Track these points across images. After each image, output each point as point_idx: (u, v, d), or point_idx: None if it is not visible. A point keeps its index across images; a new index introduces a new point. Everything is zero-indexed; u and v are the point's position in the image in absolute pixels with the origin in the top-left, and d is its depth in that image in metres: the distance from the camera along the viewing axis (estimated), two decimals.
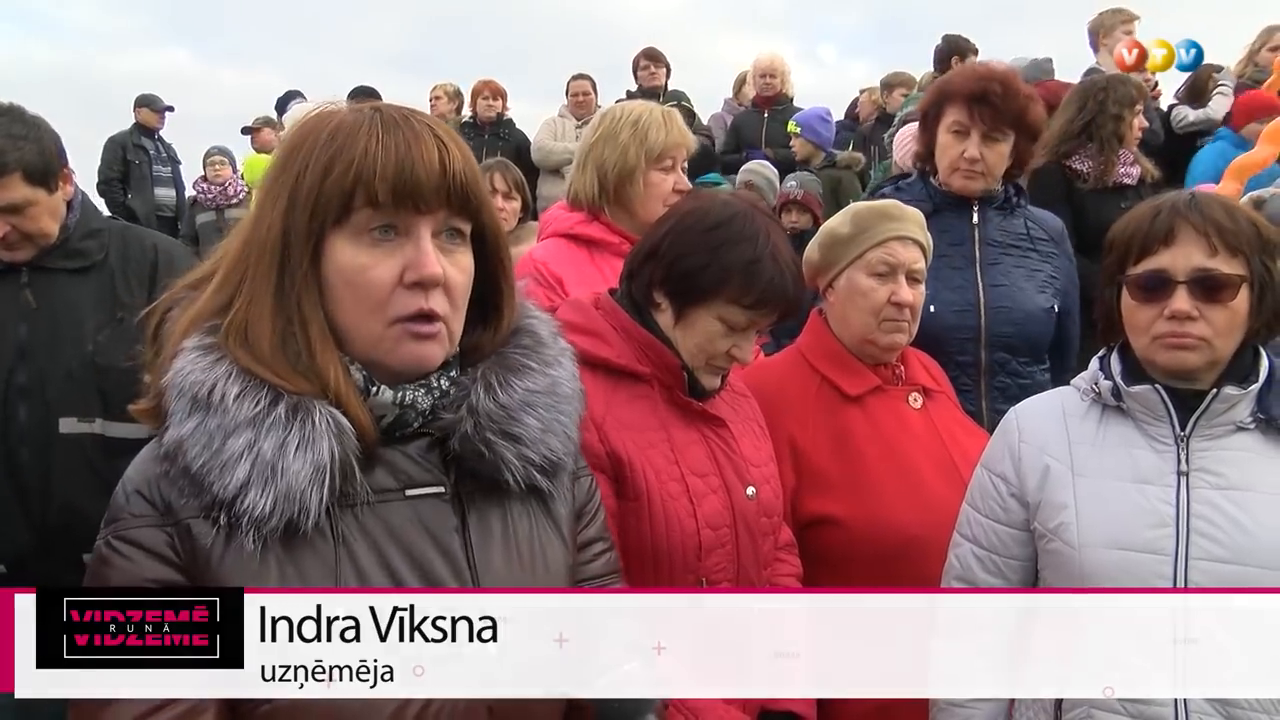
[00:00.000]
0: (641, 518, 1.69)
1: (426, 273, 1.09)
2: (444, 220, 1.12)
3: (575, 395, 1.26)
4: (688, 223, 1.77)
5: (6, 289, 2.33)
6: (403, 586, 1.09)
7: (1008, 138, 2.58)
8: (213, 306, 1.12)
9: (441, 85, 7.79)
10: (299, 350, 1.09)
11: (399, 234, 1.10)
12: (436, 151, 1.09)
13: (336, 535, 1.07)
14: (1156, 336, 1.57)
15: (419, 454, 1.16)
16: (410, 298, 1.09)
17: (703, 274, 1.72)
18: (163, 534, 1.05)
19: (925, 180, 2.72)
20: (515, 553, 1.18)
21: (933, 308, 2.49)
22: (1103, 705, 1.55)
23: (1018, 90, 2.58)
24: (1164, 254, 1.57)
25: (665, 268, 1.75)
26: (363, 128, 1.09)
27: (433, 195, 1.09)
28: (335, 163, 1.07)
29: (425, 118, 1.14)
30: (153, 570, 1.05)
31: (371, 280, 1.09)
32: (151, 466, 1.09)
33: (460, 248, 1.15)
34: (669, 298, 1.77)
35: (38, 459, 2.23)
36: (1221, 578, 1.49)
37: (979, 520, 1.77)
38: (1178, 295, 1.55)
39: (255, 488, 1.03)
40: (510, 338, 1.25)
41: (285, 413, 1.05)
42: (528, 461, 1.18)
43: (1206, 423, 1.57)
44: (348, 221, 1.08)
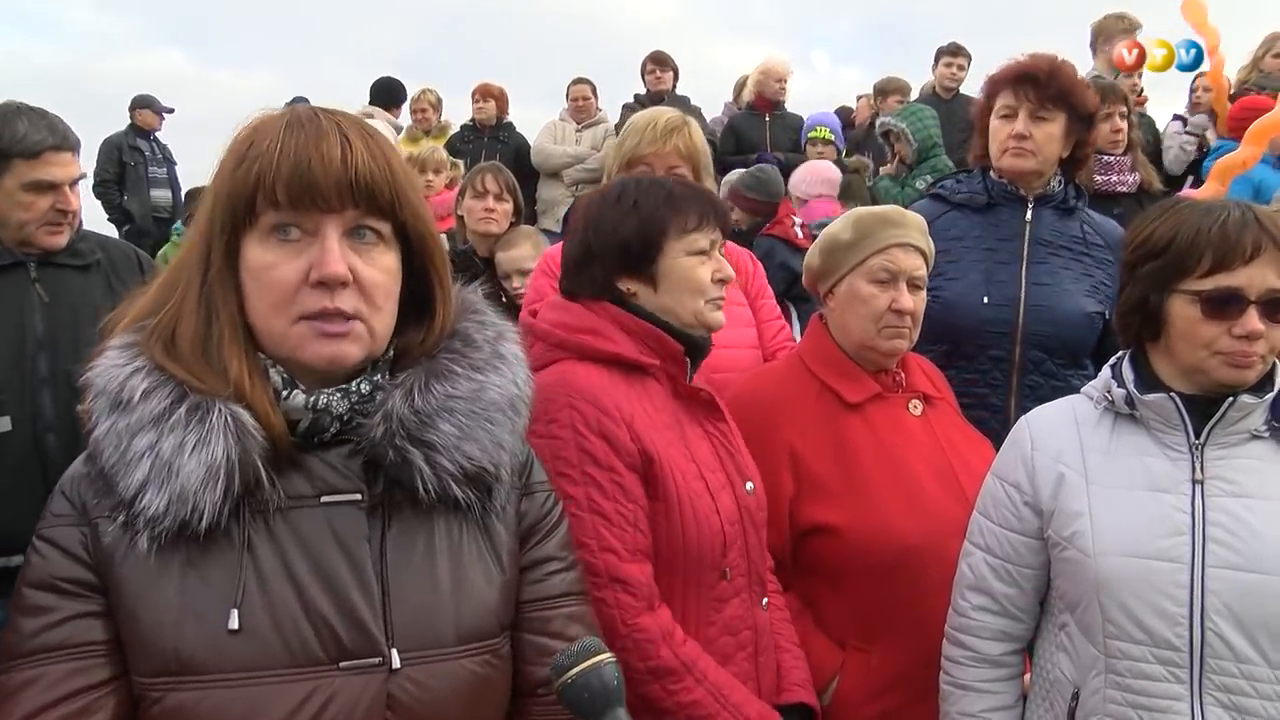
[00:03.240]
0: (672, 518, 1.69)
1: (328, 271, 1.08)
2: (354, 219, 1.11)
3: (508, 403, 1.22)
4: (597, 209, 1.82)
5: (16, 284, 2.42)
6: (304, 595, 1.07)
7: (1055, 117, 2.58)
8: (149, 307, 1.14)
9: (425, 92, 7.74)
10: (215, 348, 1.10)
11: (305, 233, 1.10)
12: (339, 148, 1.08)
13: (242, 539, 1.07)
14: (1220, 352, 1.55)
15: (339, 460, 1.14)
16: (315, 296, 1.09)
17: (643, 230, 1.77)
18: (78, 532, 1.08)
19: (985, 174, 2.73)
20: (436, 569, 1.15)
21: (986, 299, 2.55)
22: (1117, 714, 1.56)
23: (1063, 70, 2.60)
24: (1241, 271, 1.54)
25: (611, 252, 1.78)
26: (271, 128, 1.10)
27: (333, 193, 1.08)
28: (240, 164, 1.09)
29: (340, 116, 1.13)
30: (65, 568, 1.07)
31: (275, 279, 1.09)
32: (80, 466, 1.12)
33: (377, 246, 1.14)
34: (632, 273, 1.79)
35: (64, 448, 2.26)
36: (1239, 585, 1.49)
37: (992, 529, 1.77)
38: (1249, 315, 1.53)
39: (152, 487, 1.04)
40: (443, 340, 1.23)
41: (186, 412, 1.06)
42: (442, 470, 1.15)
43: (1221, 431, 1.58)
44: (256, 222, 1.10)
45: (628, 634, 1.58)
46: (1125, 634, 1.55)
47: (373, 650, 1.08)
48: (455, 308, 1.26)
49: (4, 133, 2.35)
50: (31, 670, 1.04)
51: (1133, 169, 4.05)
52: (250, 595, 1.06)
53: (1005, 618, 1.76)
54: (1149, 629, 1.52)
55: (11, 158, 2.35)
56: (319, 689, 1.05)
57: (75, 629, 1.06)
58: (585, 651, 1.08)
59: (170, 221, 7.94)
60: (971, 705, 1.77)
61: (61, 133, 2.43)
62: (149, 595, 1.05)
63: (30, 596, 1.07)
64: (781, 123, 6.99)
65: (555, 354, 1.74)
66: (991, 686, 1.77)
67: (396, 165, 1.15)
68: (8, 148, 2.35)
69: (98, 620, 1.06)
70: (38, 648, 1.05)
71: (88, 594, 1.07)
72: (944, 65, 7.03)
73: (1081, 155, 2.68)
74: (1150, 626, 1.52)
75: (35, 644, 1.05)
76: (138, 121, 8.18)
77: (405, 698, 1.09)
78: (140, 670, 1.05)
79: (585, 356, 1.74)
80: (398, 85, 7.76)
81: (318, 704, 1.05)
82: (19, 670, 1.04)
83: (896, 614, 1.95)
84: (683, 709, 1.59)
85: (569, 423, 1.65)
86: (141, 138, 8.17)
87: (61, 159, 2.42)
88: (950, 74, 7.01)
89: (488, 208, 3.87)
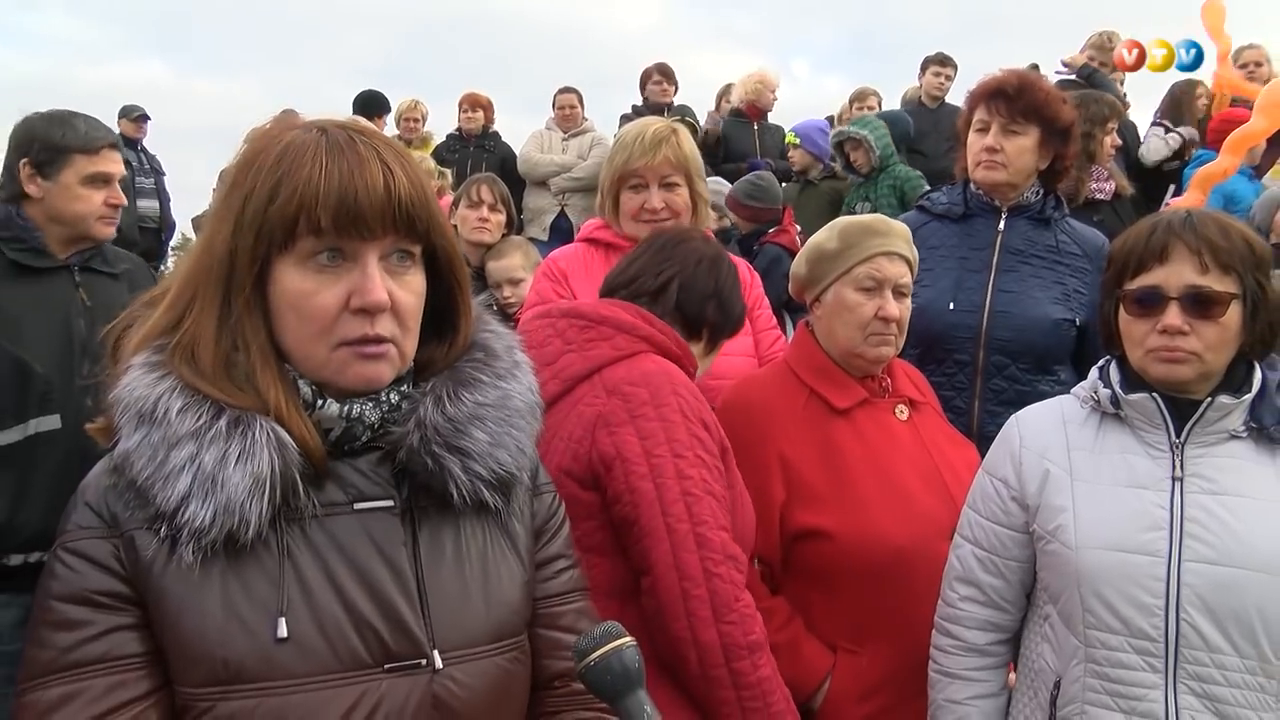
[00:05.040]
0: (736, 507, 1.78)
1: (371, 299, 1.08)
2: (391, 244, 1.11)
3: (529, 409, 1.25)
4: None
5: (62, 287, 2.55)
6: (348, 600, 1.08)
7: (1028, 131, 2.65)
8: (163, 325, 1.12)
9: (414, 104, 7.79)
10: (243, 371, 1.09)
11: (345, 259, 1.09)
12: (382, 177, 1.08)
13: (281, 548, 1.07)
14: (1150, 350, 1.63)
15: (369, 468, 1.15)
16: (356, 323, 1.09)
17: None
18: (109, 545, 1.06)
19: (965, 186, 2.81)
20: (466, 570, 1.17)
21: (952, 305, 2.63)
22: (1096, 701, 1.61)
23: (1034, 85, 2.69)
24: (1158, 271, 1.62)
25: (719, 307, 1.97)
26: (309, 151, 1.08)
27: (377, 221, 1.08)
28: (280, 188, 1.07)
29: (374, 139, 1.13)
30: (98, 581, 1.05)
31: (316, 306, 1.09)
32: (102, 479, 1.10)
33: (410, 269, 1.14)
34: (710, 330, 1.98)
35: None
36: (1213, 578, 1.54)
37: (980, 522, 1.82)
38: (1170, 311, 1.60)
39: (196, 499, 1.03)
40: (464, 352, 1.24)
41: (227, 426, 1.05)
42: (475, 476, 1.17)
43: (1201, 430, 1.63)
44: (292, 247, 1.08)
45: (739, 608, 1.64)
46: (1104, 624, 1.60)
47: (417, 652, 1.10)
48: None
49: (67, 131, 2.54)
50: (70, 685, 1.03)
51: (1108, 177, 4.13)
52: (295, 603, 1.06)
53: (991, 608, 1.81)
54: (1126, 620, 1.57)
55: (73, 153, 2.52)
56: (368, 692, 1.06)
57: (114, 642, 1.04)
58: (607, 635, 1.09)
59: (157, 232, 7.92)
60: (957, 693, 1.82)
61: (114, 134, 2.67)
62: (192, 606, 1.04)
63: (61, 610, 1.05)
64: (770, 130, 7.05)
65: (639, 346, 1.81)
66: (977, 675, 1.82)
67: (429, 188, 1.15)
68: (70, 144, 2.52)
69: (135, 633, 1.05)
70: (74, 662, 1.03)
71: (124, 606, 1.05)
72: (931, 74, 7.08)
73: (1060, 167, 2.75)
74: (1127, 617, 1.57)
75: (72, 658, 1.03)
76: (121, 130, 8.16)
77: (448, 697, 1.11)
78: (187, 681, 1.04)
79: (663, 353, 1.82)
80: (382, 97, 7.80)
81: (368, 707, 1.06)
82: (55, 685, 1.03)
83: (886, 616, 1.99)
84: (760, 683, 1.64)
85: (679, 408, 1.72)
86: (129, 148, 8.11)
87: (115, 156, 2.64)
88: (938, 83, 7.07)
89: (482, 218, 3.91)
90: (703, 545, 1.63)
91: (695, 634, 1.62)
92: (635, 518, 1.66)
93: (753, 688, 1.63)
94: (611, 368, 1.76)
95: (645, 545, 1.65)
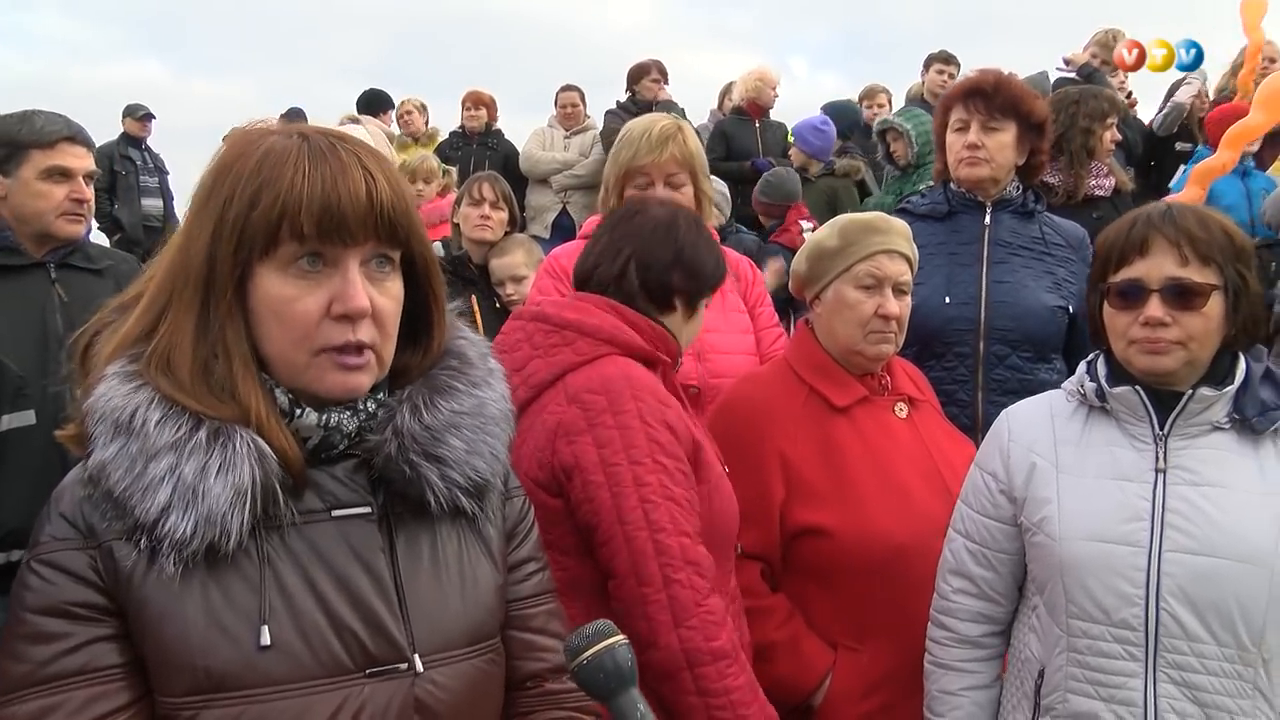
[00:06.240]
0: (713, 499, 1.78)
1: (353, 305, 1.08)
2: (372, 250, 1.11)
3: (503, 416, 1.26)
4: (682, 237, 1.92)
5: (37, 283, 2.52)
6: (329, 606, 1.08)
7: (1006, 127, 2.71)
8: (137, 331, 1.11)
9: (410, 99, 7.81)
10: (221, 379, 1.08)
11: (326, 265, 1.09)
12: (364, 183, 1.08)
13: (262, 556, 1.07)
14: (1133, 341, 1.65)
15: (345, 475, 1.15)
16: (337, 329, 1.09)
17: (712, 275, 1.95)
18: (85, 556, 1.05)
19: (946, 186, 2.84)
20: (443, 574, 1.18)
21: (947, 299, 2.65)
22: (1077, 690, 1.63)
23: (1009, 83, 2.74)
24: (1139, 264, 1.64)
25: (685, 272, 1.89)
26: (290, 157, 1.07)
27: (360, 227, 1.08)
28: (262, 194, 1.06)
29: (354, 145, 1.12)
30: (75, 593, 1.04)
31: (297, 312, 1.08)
32: (77, 489, 1.08)
33: (390, 275, 1.14)
34: (684, 297, 1.90)
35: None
36: (1192, 568, 1.56)
37: (971, 516, 1.84)
38: (1151, 303, 1.62)
39: (177, 511, 1.02)
40: (439, 359, 1.24)
41: (207, 438, 1.05)
42: (452, 483, 1.17)
43: (1184, 422, 1.64)
44: (274, 253, 1.07)
45: (700, 614, 1.63)
46: (1086, 614, 1.62)
47: (398, 656, 1.11)
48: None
49: (24, 127, 2.48)
50: (48, 698, 1.02)
51: (1107, 173, 4.11)
52: (276, 610, 1.06)
53: (983, 600, 1.83)
54: (1108, 609, 1.60)
55: (28, 148, 2.47)
56: (350, 697, 1.07)
57: (92, 654, 1.04)
58: (599, 634, 1.09)
59: (162, 231, 7.94)
60: (951, 683, 1.85)
61: (76, 128, 2.56)
62: (174, 615, 1.03)
63: (37, 623, 1.04)
64: (772, 128, 7.05)
65: (602, 349, 1.78)
66: (971, 666, 1.84)
67: (409, 193, 1.16)
68: (24, 139, 2.47)
69: (114, 644, 1.05)
70: (52, 675, 1.02)
71: (102, 618, 1.05)
72: (935, 72, 7.06)
73: (1036, 162, 2.80)
74: (1109, 607, 1.60)
75: (49, 671, 1.02)
76: (126, 129, 8.15)
77: (430, 700, 1.11)
78: (169, 690, 1.04)
79: (629, 352, 1.80)
80: (385, 95, 7.87)
81: (351, 712, 1.07)
82: (33, 699, 1.02)
83: (886, 613, 2.00)
84: (728, 692, 1.63)
85: (636, 413, 1.71)
86: (133, 146, 8.12)
87: (75, 150, 2.54)
88: (941, 81, 7.03)
89: (484, 215, 3.92)
90: (661, 552, 1.63)
91: (655, 637, 1.61)
92: (595, 525, 1.67)
93: (719, 695, 1.62)
94: (574, 374, 1.75)
95: (606, 552, 1.66)
